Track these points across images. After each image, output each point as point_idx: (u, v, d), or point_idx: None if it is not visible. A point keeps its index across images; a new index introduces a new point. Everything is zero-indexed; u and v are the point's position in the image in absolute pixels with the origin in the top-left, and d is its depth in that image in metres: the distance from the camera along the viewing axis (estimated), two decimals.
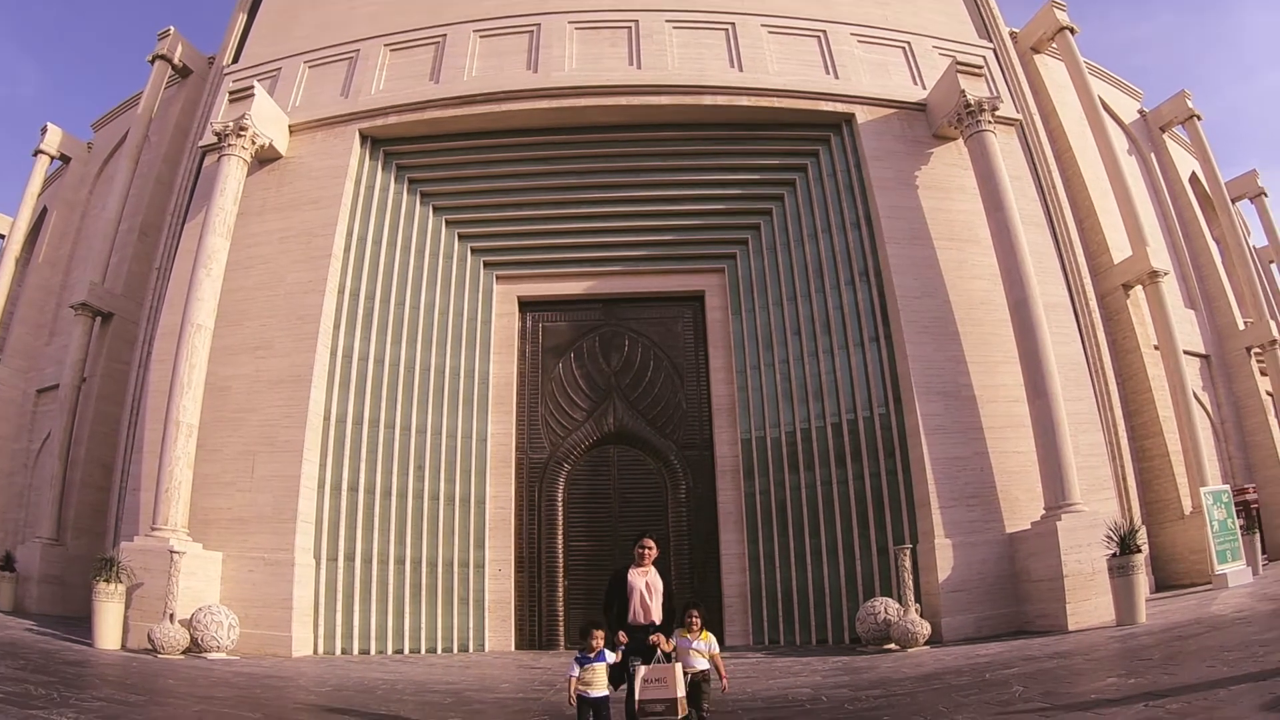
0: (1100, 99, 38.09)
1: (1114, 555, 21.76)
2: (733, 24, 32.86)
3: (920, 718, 12.45)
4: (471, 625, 27.56)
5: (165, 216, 36.09)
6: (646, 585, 12.45)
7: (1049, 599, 22.61)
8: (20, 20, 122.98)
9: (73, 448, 33.99)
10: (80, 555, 31.46)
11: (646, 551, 12.73)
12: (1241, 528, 28.73)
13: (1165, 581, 30.36)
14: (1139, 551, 21.76)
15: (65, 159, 45.44)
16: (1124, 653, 16.85)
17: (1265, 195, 53.77)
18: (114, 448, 33.56)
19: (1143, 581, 21.70)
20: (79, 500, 33.48)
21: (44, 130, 44.49)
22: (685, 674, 11.36)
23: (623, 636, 12.02)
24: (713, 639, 12.06)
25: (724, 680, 12.14)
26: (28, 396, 39.88)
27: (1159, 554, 30.82)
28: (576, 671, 11.33)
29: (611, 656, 11.65)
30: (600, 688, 11.36)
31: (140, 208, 37.52)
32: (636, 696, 11.21)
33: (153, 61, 39.40)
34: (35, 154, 44.32)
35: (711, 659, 11.93)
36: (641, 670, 11.32)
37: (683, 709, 11.07)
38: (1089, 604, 22.08)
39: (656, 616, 12.39)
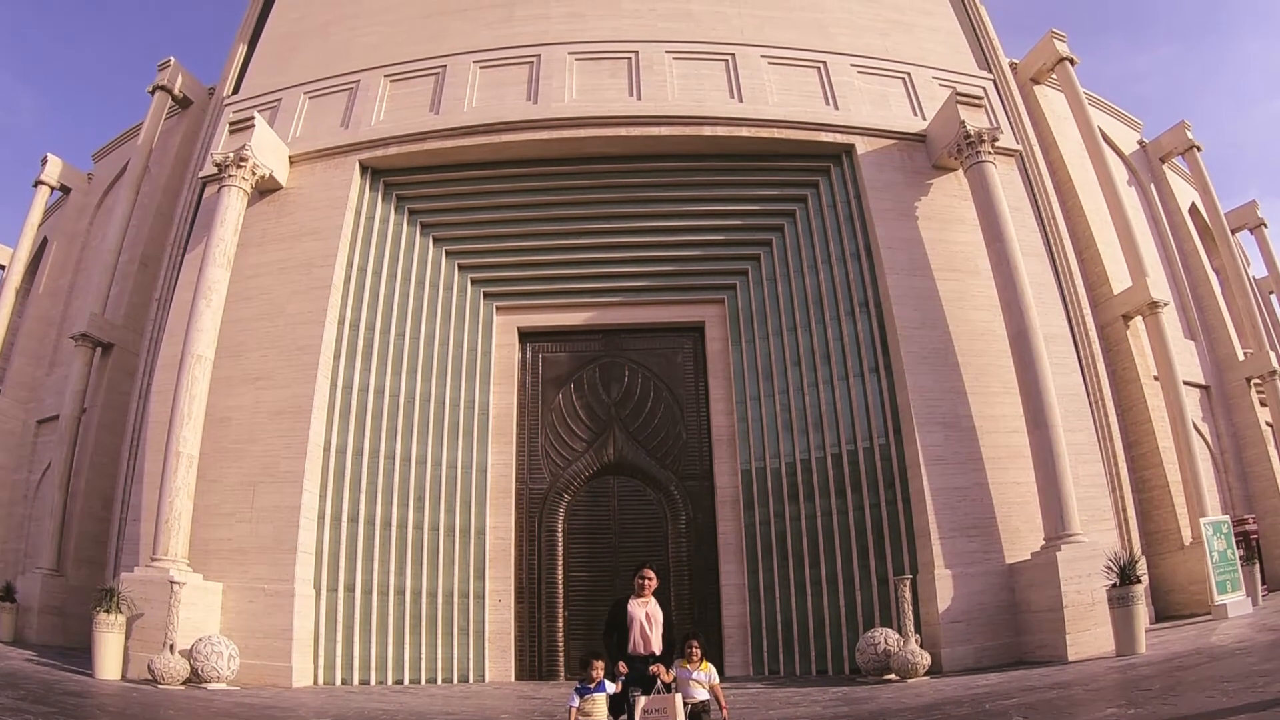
0: (1100, 130, 38.31)
1: (1114, 586, 21.80)
2: (732, 55, 33.02)
3: None
4: (471, 656, 27.57)
5: (165, 247, 36.20)
6: (647, 616, 12.52)
7: (1049, 629, 22.62)
8: (20, 50, 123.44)
9: (73, 478, 34.04)
10: (80, 586, 31.49)
11: (646, 582, 12.82)
12: (1241, 558, 28.78)
13: (1165, 612, 30.41)
14: (1139, 582, 21.79)
15: (65, 190, 45.61)
16: (1124, 683, 16.88)
17: (1265, 226, 54.00)
18: (114, 478, 33.57)
19: (1142, 612, 21.74)
20: (79, 531, 33.51)
21: (44, 161, 44.62)
22: (685, 704, 11.40)
23: (622, 667, 12.08)
24: (712, 669, 12.12)
25: (724, 711, 12.12)
26: (28, 427, 39.96)
27: (1159, 584, 30.87)
28: (576, 702, 11.41)
29: (611, 687, 11.70)
30: (600, 718, 11.41)
31: (140, 238, 37.68)
32: None
33: (153, 92, 39.57)
34: (35, 185, 44.41)
35: (711, 689, 11.99)
36: (641, 701, 11.32)
37: None
38: (1089, 634, 22.08)
39: (656, 647, 12.48)
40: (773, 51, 33.34)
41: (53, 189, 45.23)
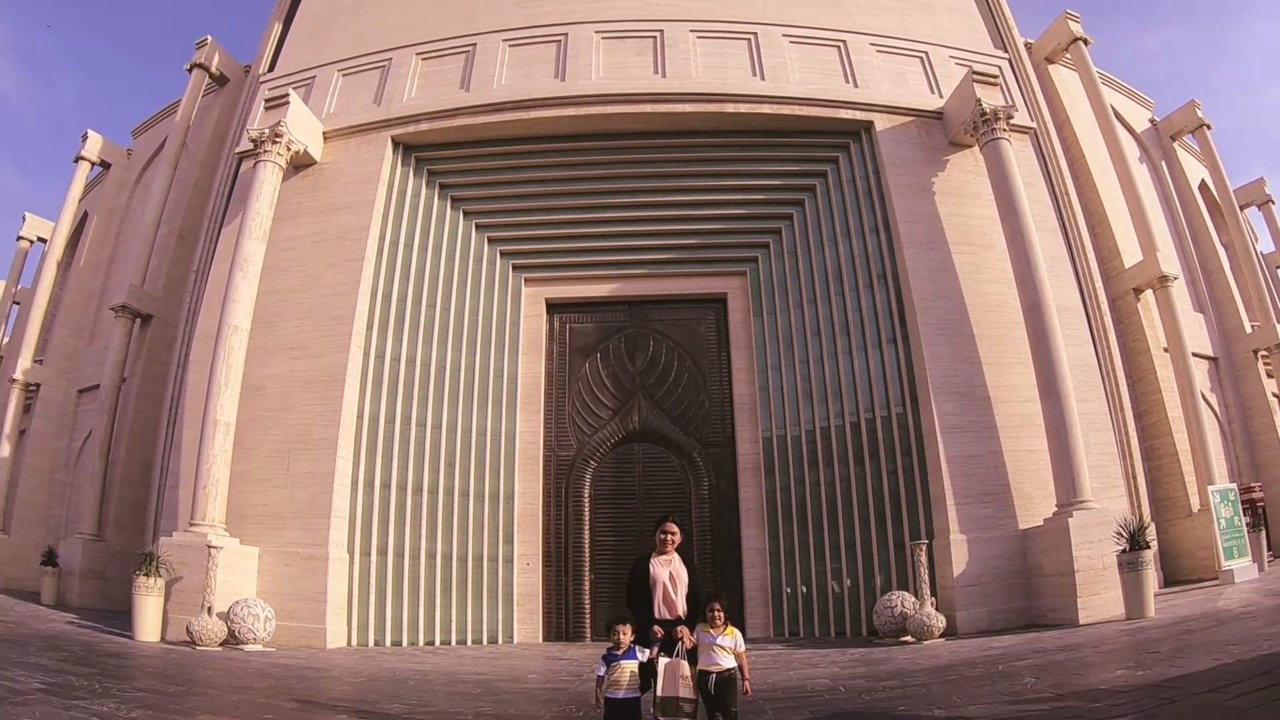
0: (1112, 108, 38.10)
1: (1124, 551, 21.88)
2: (755, 34, 32.93)
3: (935, 708, 12.44)
4: (500, 618, 27.78)
5: (203, 221, 36.27)
6: (670, 577, 11.62)
7: (1060, 593, 22.69)
8: (62, 30, 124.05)
9: (113, 446, 34.24)
10: (121, 551, 31.78)
11: (669, 537, 11.88)
12: (1248, 525, 28.69)
13: (1173, 577, 30.33)
14: (1148, 548, 21.83)
15: (105, 165, 45.58)
16: (1133, 646, 16.88)
17: (1273, 203, 53.70)
18: (153, 446, 33.77)
19: (1151, 577, 21.76)
20: (119, 497, 33.77)
21: (84, 137, 44.59)
22: (710, 674, 10.49)
23: (658, 630, 11.09)
24: (738, 635, 10.87)
25: (746, 682, 10.88)
26: (69, 396, 40.26)
27: (1167, 550, 30.80)
28: (603, 670, 10.50)
29: (642, 654, 10.71)
30: (629, 687, 10.41)
31: (178, 212, 37.77)
32: (659, 692, 10.39)
33: (190, 70, 39.56)
34: (76, 160, 44.44)
35: (737, 657, 10.72)
36: (663, 663, 10.52)
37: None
38: (1099, 598, 22.14)
39: (681, 610, 11.50)
40: (794, 30, 33.21)
41: (93, 164, 45.18)
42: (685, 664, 10.53)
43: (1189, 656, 14.21)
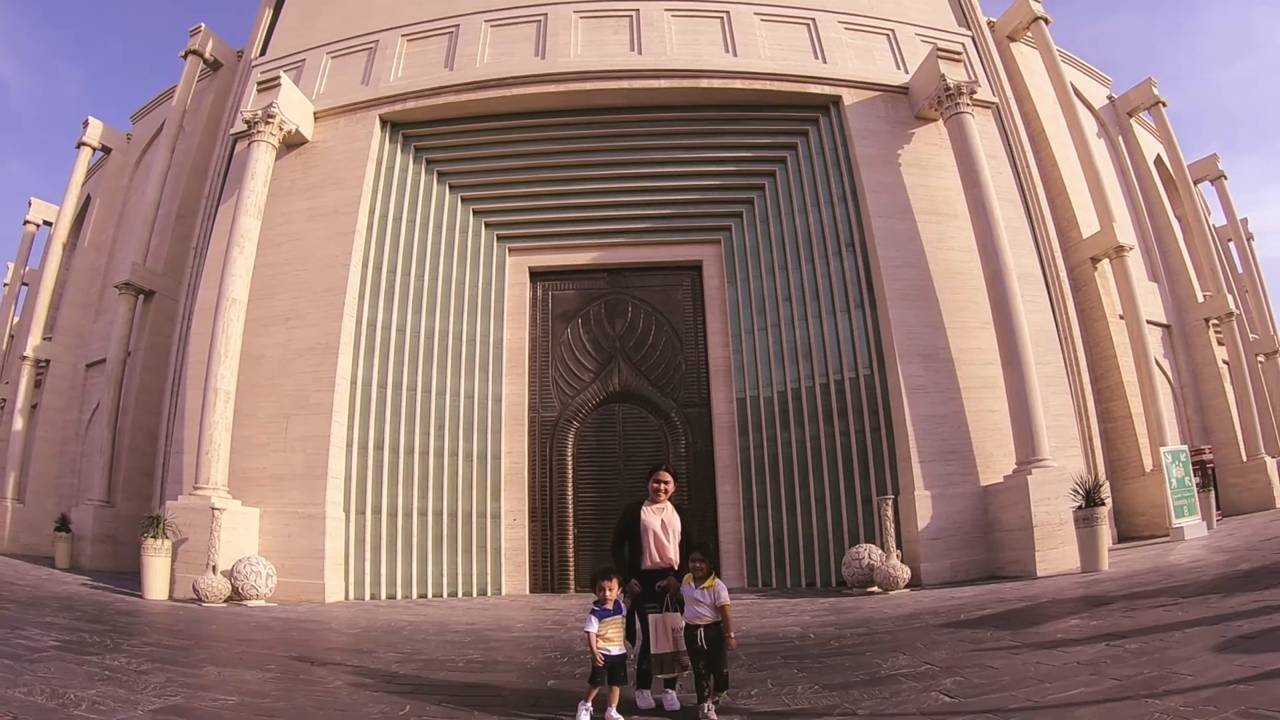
0: (1072, 85, 38.13)
1: (1080, 508, 22.09)
2: (727, 12, 32.94)
3: (900, 654, 12.57)
4: (489, 571, 28.05)
5: (201, 200, 36.10)
6: (662, 524, 10.86)
7: (1019, 547, 22.95)
8: (63, 21, 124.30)
9: (120, 417, 34.42)
10: (130, 515, 31.92)
11: (662, 486, 11.19)
12: (1198, 485, 28.97)
13: (1126, 534, 30.74)
14: (1103, 505, 22.06)
15: (106, 150, 45.45)
16: (1087, 597, 17.03)
17: (1225, 178, 54.27)
18: (158, 415, 33.76)
19: (1106, 532, 22.02)
20: (127, 465, 34.00)
21: (85, 124, 44.56)
22: (698, 628, 9.75)
23: (635, 585, 10.53)
24: (722, 587, 9.94)
25: (730, 636, 9.88)
26: (78, 371, 40.41)
27: (1121, 508, 31.17)
28: (595, 627, 9.69)
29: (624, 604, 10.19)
30: (618, 644, 9.83)
31: (177, 193, 37.72)
32: (653, 649, 10.07)
33: (185, 57, 39.40)
34: (78, 146, 44.40)
35: (721, 610, 9.84)
36: (654, 618, 10.13)
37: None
38: (1056, 552, 22.40)
39: (674, 559, 10.71)
40: (765, 9, 33.23)
41: (94, 150, 45.09)
42: (678, 616, 10.03)
43: (1140, 608, 14.35)
